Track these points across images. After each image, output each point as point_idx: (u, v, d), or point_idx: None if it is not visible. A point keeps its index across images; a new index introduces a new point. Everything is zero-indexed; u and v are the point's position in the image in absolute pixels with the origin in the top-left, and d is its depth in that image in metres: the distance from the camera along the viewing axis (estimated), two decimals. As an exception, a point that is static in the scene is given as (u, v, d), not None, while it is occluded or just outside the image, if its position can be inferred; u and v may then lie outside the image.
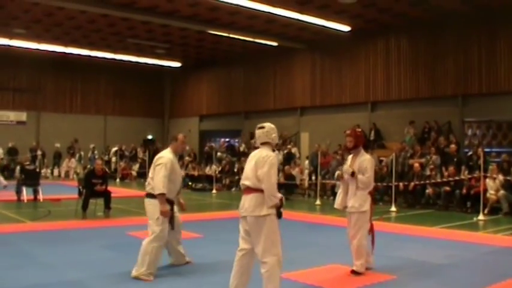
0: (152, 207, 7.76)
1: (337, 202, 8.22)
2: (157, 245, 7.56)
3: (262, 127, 6.43)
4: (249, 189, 6.18)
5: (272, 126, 6.44)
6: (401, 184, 17.74)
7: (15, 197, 17.49)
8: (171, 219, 7.80)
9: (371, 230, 7.90)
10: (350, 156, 8.09)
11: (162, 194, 7.57)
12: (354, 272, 7.63)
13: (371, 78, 24.38)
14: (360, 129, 8.74)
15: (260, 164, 6.12)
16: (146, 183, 8.03)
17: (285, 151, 24.05)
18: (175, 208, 8.13)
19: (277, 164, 6.38)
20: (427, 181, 17.47)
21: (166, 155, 7.86)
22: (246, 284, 6.22)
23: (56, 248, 9.54)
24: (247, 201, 6.15)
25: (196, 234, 11.11)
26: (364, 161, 7.80)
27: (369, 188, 7.79)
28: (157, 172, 7.67)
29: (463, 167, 17.62)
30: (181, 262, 8.26)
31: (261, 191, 6.07)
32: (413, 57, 22.86)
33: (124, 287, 7.07)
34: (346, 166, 8.04)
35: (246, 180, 6.24)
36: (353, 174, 7.78)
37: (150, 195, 7.84)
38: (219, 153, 27.96)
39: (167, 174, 7.63)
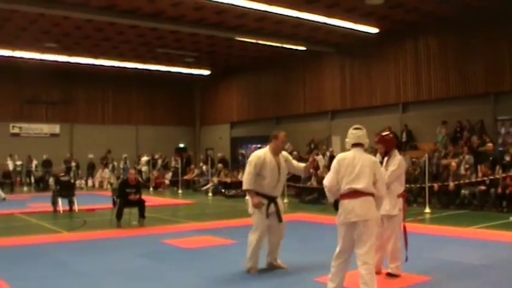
0: (248, 202, 8.16)
1: None
2: (256, 237, 7.96)
3: (360, 128, 6.56)
4: (358, 193, 6.17)
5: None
6: (436, 185, 17.58)
7: (51, 208, 17.72)
8: (278, 213, 8.13)
9: (404, 233, 7.79)
10: (385, 160, 7.96)
11: (248, 190, 8.02)
12: (389, 275, 7.58)
13: (401, 79, 24.22)
14: (387, 133, 8.60)
15: (374, 167, 6.32)
16: None
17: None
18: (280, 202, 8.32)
19: None
20: (462, 181, 17.29)
21: (257, 153, 8.20)
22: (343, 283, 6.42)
23: (92, 257, 9.63)
24: (358, 205, 6.12)
25: (231, 240, 11.12)
26: (392, 160, 7.70)
27: (389, 181, 7.42)
28: (245, 170, 8.16)
29: (497, 166, 17.39)
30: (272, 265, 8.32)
31: (371, 194, 6.21)
32: (442, 56, 22.66)
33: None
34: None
35: (355, 183, 6.20)
36: None
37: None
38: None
39: (252, 171, 7.97)
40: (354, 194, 6.19)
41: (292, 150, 26.71)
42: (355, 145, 6.50)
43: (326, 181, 6.58)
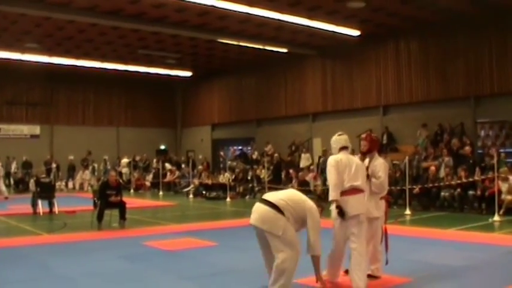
0: None
1: None
2: None
3: (343, 134, 7.51)
4: (357, 190, 7.12)
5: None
6: (417, 188, 17.67)
7: (31, 210, 17.61)
8: None
9: (384, 235, 7.84)
10: (366, 161, 8.03)
11: None
12: (369, 276, 7.61)
13: (382, 82, 24.37)
14: (375, 135, 8.73)
15: (363, 168, 7.42)
16: None
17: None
18: None
19: None
20: (442, 183, 17.42)
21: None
22: None
23: (72, 259, 9.58)
24: (361, 201, 7.18)
25: (211, 242, 11.12)
26: (377, 165, 7.77)
27: (382, 191, 7.73)
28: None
29: (477, 169, 17.54)
30: None
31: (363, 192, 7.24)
32: (423, 59, 22.83)
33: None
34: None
35: (355, 181, 7.11)
36: (367, 177, 7.74)
37: None
38: (229, 162, 28.03)
39: None
40: (354, 190, 7.10)
41: (273, 152, 26.80)
42: (342, 148, 7.33)
43: (333, 180, 7.12)
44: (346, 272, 7.48)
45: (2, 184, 24.23)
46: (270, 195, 6.78)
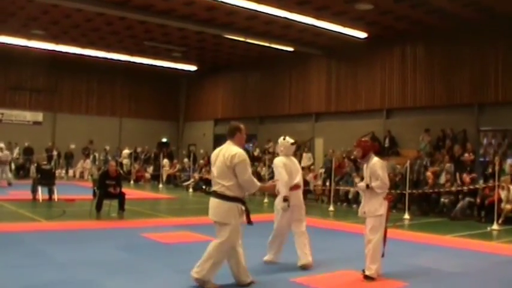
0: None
1: (360, 209, 8.27)
2: None
3: (286, 137, 8.95)
4: (297, 186, 8.64)
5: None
6: (418, 192, 17.63)
7: (30, 196, 17.65)
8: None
9: (384, 236, 7.88)
10: (364, 166, 8.11)
11: None
12: (366, 277, 7.62)
13: (386, 85, 24.34)
14: (366, 139, 8.85)
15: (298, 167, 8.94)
16: None
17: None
18: None
19: None
20: (441, 189, 17.39)
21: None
22: None
23: (70, 247, 9.60)
24: (299, 194, 8.73)
25: (209, 236, 11.10)
26: (374, 164, 7.84)
27: (385, 188, 7.82)
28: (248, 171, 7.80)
29: (476, 176, 17.53)
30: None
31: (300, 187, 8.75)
32: (429, 65, 22.80)
33: (138, 286, 7.10)
34: (361, 184, 8.09)
35: (296, 180, 8.63)
36: (368, 186, 7.83)
37: None
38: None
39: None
40: (296, 187, 8.57)
41: (274, 150, 26.77)
42: (287, 151, 8.78)
43: (285, 178, 8.37)
44: (363, 272, 7.71)
45: (9, 171, 24.34)
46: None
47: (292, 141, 8.84)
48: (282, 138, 8.97)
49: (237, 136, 7.22)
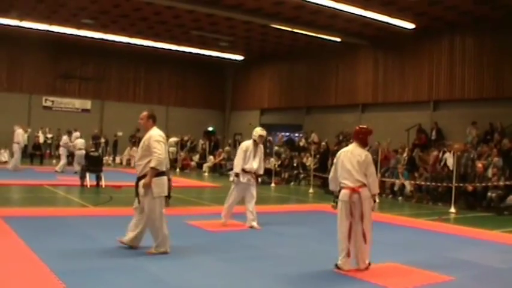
0: None
1: None
2: None
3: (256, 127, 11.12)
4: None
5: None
6: (469, 186, 17.31)
7: (79, 182, 18.00)
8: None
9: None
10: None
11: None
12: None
13: (434, 76, 24.03)
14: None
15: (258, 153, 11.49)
16: None
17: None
18: None
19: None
20: (489, 183, 17.05)
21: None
22: None
23: (115, 233, 9.69)
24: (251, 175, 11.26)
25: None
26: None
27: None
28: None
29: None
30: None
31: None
32: (478, 56, 22.42)
33: (181, 273, 7.21)
34: None
35: (251, 164, 11.24)
36: None
37: None
38: (276, 147, 28.04)
39: None
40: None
41: (319, 140, 26.74)
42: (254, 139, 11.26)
43: (240, 160, 11.29)
44: (369, 264, 7.70)
45: (18, 158, 23.24)
46: None
47: (258, 127, 11.75)
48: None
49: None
